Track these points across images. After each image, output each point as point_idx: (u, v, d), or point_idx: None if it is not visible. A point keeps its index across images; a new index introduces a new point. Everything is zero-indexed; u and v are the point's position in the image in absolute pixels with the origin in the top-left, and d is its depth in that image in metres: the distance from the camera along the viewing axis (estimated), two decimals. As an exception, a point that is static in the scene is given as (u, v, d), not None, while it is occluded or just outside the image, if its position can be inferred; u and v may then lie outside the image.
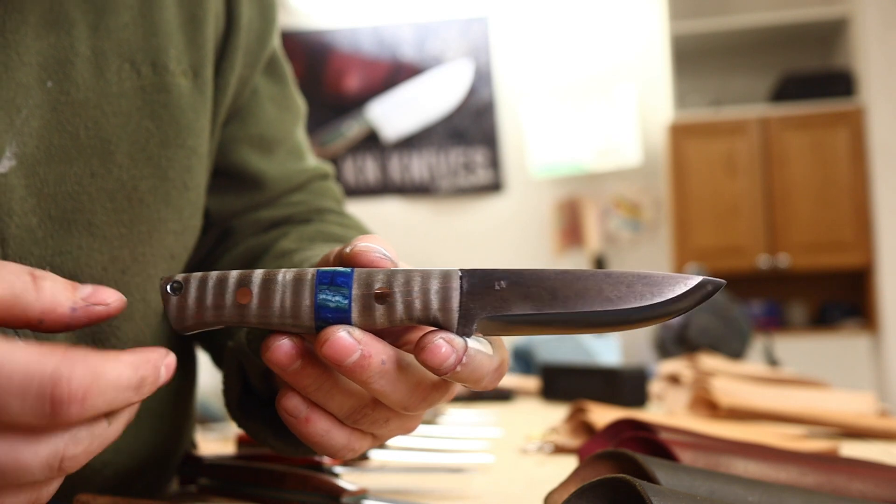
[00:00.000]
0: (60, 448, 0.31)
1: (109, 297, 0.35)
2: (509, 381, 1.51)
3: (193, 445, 0.73)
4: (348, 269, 0.37)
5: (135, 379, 0.32)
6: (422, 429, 0.89)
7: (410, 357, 0.39)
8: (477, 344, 0.38)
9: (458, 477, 0.68)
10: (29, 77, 0.47)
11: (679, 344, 2.87)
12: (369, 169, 4.68)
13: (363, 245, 0.39)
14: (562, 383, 1.32)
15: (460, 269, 0.38)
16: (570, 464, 0.69)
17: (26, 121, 0.47)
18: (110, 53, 0.51)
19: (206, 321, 0.37)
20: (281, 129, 0.67)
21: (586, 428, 0.83)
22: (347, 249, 0.39)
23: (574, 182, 4.53)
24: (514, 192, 4.63)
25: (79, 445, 0.32)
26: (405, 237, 4.60)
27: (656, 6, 4.50)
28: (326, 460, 0.61)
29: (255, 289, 0.37)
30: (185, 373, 0.65)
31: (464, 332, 0.37)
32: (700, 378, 1.18)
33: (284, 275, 0.37)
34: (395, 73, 4.64)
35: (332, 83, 4.66)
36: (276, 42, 0.67)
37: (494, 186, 4.62)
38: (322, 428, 0.40)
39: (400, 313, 0.37)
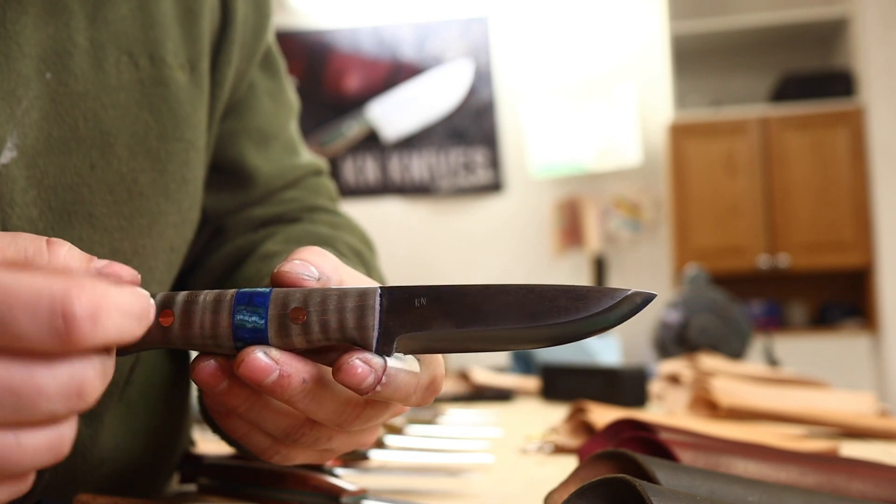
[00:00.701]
0: (78, 372, 0.29)
1: (123, 272, 0.35)
2: (509, 381, 1.51)
3: (192, 444, 0.73)
4: (267, 289, 0.37)
5: (137, 306, 0.31)
6: (422, 429, 0.89)
7: None
8: (399, 363, 0.37)
9: (458, 477, 0.68)
10: (28, 68, 0.47)
11: (679, 344, 2.87)
12: (369, 169, 4.68)
13: (286, 266, 0.38)
14: (562, 383, 1.32)
15: (380, 287, 0.37)
16: (570, 464, 0.69)
17: (26, 112, 0.47)
18: (108, 45, 0.51)
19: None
20: (277, 123, 0.67)
21: (586, 428, 0.83)
22: (275, 269, 0.39)
23: (574, 182, 4.53)
24: (514, 192, 4.63)
25: (95, 372, 0.30)
26: (405, 237, 4.60)
27: (656, 6, 4.50)
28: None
29: (177, 310, 0.37)
30: (180, 370, 0.65)
31: (384, 350, 0.36)
32: (700, 378, 1.18)
33: (205, 296, 0.37)
34: (395, 73, 4.64)
35: (332, 83, 4.66)
36: (271, 36, 0.67)
37: (494, 186, 4.62)
38: (241, 425, 0.40)
39: (316, 333, 0.36)
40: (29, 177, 0.48)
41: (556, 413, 1.12)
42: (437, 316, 0.36)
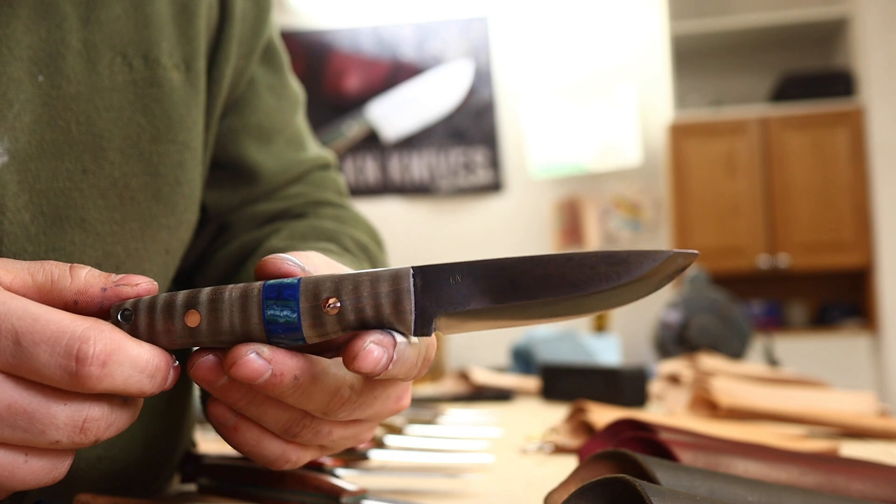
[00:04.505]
0: (84, 410, 0.34)
1: (137, 279, 0.37)
2: (509, 381, 1.51)
3: (193, 444, 0.73)
4: (294, 280, 0.36)
5: (151, 364, 0.35)
6: (422, 429, 0.89)
7: (328, 364, 0.38)
8: (402, 337, 0.36)
9: (458, 477, 0.68)
10: (20, 71, 0.47)
11: (679, 344, 2.87)
12: (369, 169, 4.68)
13: (268, 256, 0.38)
14: (562, 383, 1.32)
15: (412, 267, 0.35)
16: (570, 464, 0.70)
17: (18, 116, 0.47)
18: (102, 46, 0.50)
19: (161, 346, 0.36)
20: (279, 119, 0.66)
21: (586, 428, 0.83)
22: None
23: (574, 182, 4.53)
24: (514, 192, 4.63)
25: (100, 412, 0.34)
26: (405, 237, 4.60)
27: (656, 6, 4.50)
28: (327, 461, 0.61)
29: (203, 310, 0.36)
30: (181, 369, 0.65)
31: (423, 332, 0.35)
32: (700, 378, 1.18)
33: (231, 292, 0.36)
34: (395, 73, 4.64)
35: (332, 83, 4.66)
36: (271, 30, 0.66)
37: (494, 186, 4.62)
38: (251, 437, 0.40)
39: (352, 322, 0.35)
40: (20, 181, 0.47)
41: (556, 413, 1.12)
42: (475, 292, 0.35)
